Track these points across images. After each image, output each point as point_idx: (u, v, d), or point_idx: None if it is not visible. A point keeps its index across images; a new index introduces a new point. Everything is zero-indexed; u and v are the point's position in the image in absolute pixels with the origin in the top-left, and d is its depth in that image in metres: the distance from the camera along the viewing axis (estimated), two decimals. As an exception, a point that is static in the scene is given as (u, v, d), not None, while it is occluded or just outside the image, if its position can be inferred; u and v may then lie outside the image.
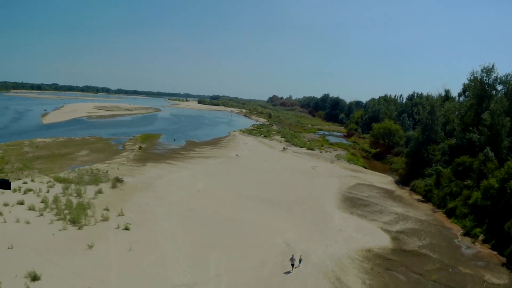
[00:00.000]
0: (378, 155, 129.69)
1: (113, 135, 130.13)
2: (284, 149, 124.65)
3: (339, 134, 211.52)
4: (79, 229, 42.21)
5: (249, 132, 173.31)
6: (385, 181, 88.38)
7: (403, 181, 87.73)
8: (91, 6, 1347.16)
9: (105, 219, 45.58)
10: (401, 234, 52.03)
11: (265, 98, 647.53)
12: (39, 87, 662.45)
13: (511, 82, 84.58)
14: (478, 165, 67.31)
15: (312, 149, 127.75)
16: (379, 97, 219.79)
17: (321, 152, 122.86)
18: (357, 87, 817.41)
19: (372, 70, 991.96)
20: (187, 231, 44.87)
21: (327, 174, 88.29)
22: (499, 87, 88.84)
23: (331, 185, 76.96)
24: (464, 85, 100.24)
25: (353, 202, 65.83)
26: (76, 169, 72.23)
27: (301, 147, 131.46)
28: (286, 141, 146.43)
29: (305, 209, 58.85)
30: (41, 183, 59.77)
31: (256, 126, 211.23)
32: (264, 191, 67.56)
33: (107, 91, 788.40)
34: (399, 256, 44.27)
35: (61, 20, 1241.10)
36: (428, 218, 61.62)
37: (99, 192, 56.81)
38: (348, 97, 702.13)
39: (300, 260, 38.21)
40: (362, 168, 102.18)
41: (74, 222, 43.41)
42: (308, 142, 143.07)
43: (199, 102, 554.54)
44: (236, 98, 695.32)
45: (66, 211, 46.11)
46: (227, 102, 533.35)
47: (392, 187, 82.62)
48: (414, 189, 79.52)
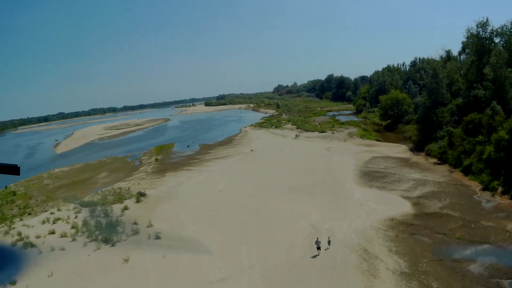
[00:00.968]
0: (389, 126, 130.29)
1: (128, 152, 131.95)
2: (297, 136, 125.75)
3: (348, 112, 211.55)
4: (112, 246, 44.14)
5: (260, 125, 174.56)
6: (400, 150, 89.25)
7: (417, 147, 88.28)
8: (86, 27, 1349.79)
9: (135, 232, 47.38)
10: (422, 199, 53.11)
11: (271, 89, 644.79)
12: (45, 119, 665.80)
13: (507, 32, 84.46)
14: (487, 120, 67.93)
15: (324, 132, 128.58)
16: (383, 68, 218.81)
17: (333, 133, 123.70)
18: (360, 62, 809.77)
19: (372, 42, 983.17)
20: (215, 230, 46.60)
21: (342, 153, 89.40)
22: (497, 40, 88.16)
23: (347, 163, 78.05)
24: (462, 43, 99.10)
25: (370, 176, 66.97)
26: (99, 192, 74.20)
27: (312, 132, 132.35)
28: (298, 128, 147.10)
29: (325, 190, 60.16)
30: (68, 210, 61.69)
31: (266, 118, 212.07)
32: (283, 179, 68.97)
33: (113, 110, 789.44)
34: (422, 220, 45.43)
35: (59, 48, 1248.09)
36: (446, 179, 62.52)
37: (125, 208, 58.60)
38: (352, 74, 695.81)
39: (329, 242, 39.26)
40: (376, 142, 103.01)
41: (106, 240, 45.27)
42: (319, 125, 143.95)
43: (206, 104, 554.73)
44: (242, 94, 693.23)
45: (97, 232, 47.87)
46: (233, 100, 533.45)
47: (408, 155, 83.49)
48: (429, 154, 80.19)
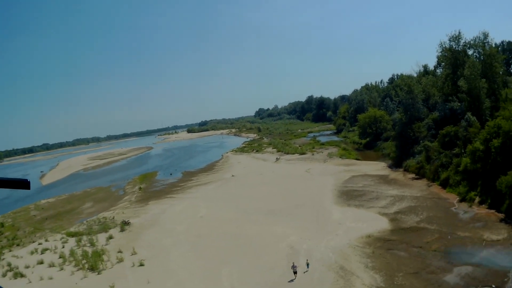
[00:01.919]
0: (369, 144, 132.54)
1: (112, 182, 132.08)
2: (277, 159, 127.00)
3: (329, 132, 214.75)
4: (98, 274, 45.21)
5: (241, 150, 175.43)
6: (379, 167, 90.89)
7: (395, 164, 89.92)
8: (68, 56, 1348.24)
9: (120, 260, 48.41)
10: (399, 214, 54.43)
11: (252, 113, 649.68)
12: (30, 150, 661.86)
13: (480, 44, 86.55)
14: (462, 132, 69.64)
15: (304, 153, 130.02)
16: (361, 87, 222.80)
17: (313, 155, 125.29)
18: (340, 82, 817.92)
19: (352, 61, 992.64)
20: (197, 255, 47.75)
21: (321, 174, 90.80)
22: (470, 52, 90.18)
23: (326, 183, 79.36)
24: (437, 57, 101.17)
25: (349, 195, 68.18)
26: (85, 222, 74.83)
27: (293, 154, 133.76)
28: (278, 151, 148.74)
29: (304, 211, 61.43)
30: (55, 240, 62.53)
31: (247, 143, 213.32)
32: (263, 203, 70.19)
33: (97, 140, 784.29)
34: (399, 235, 46.74)
35: (42, 79, 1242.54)
36: (424, 193, 63.99)
37: (110, 237, 59.55)
38: (332, 93, 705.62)
39: (308, 264, 40.11)
40: (355, 161, 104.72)
41: (93, 269, 46.43)
42: (300, 148, 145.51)
43: (189, 131, 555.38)
44: (224, 119, 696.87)
45: (84, 261, 48.97)
46: (215, 125, 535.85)
47: (386, 172, 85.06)
48: (407, 169, 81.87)
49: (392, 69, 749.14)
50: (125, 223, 66.00)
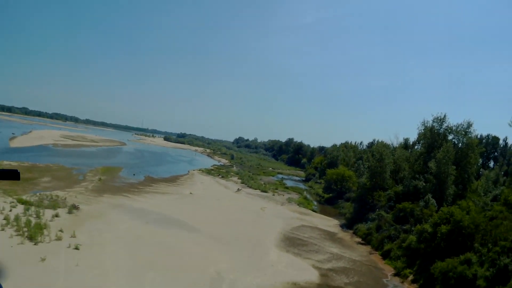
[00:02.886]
0: (330, 199, 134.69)
1: (75, 165, 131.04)
2: (239, 190, 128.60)
3: (298, 178, 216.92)
4: (34, 244, 46.44)
5: (208, 172, 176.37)
6: (331, 224, 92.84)
7: (348, 225, 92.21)
8: (66, 30, 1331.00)
9: (58, 238, 49.64)
10: (331, 272, 56.17)
11: (232, 139, 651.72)
12: (9, 109, 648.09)
13: (462, 132, 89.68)
14: (418, 211, 72.14)
15: (265, 191, 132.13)
16: (340, 143, 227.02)
17: (273, 195, 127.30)
18: (323, 132, 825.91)
19: (339, 116, 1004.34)
20: (130, 253, 49.43)
21: (274, 215, 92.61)
22: (450, 137, 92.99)
23: (275, 225, 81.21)
24: (418, 134, 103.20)
25: (292, 242, 69.86)
26: (38, 194, 75.06)
27: (255, 189, 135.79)
28: (242, 182, 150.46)
29: (244, 245, 63.25)
30: (5, 202, 62.94)
31: (216, 166, 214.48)
32: (209, 227, 71.55)
33: (75, 120, 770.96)
34: (323, 291, 47.91)
35: (33, 42, 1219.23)
36: (363, 258, 65.97)
37: (56, 216, 60.42)
38: (313, 141, 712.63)
39: None
40: (311, 212, 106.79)
41: (31, 238, 47.60)
42: (264, 185, 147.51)
43: (165, 139, 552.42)
44: (203, 137, 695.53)
45: (25, 229, 49.96)
46: (192, 141, 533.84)
47: (336, 230, 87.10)
48: (356, 232, 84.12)
49: (380, 134, 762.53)
50: (75, 207, 67.03)
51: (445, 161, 79.92)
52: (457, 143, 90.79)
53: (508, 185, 77.53)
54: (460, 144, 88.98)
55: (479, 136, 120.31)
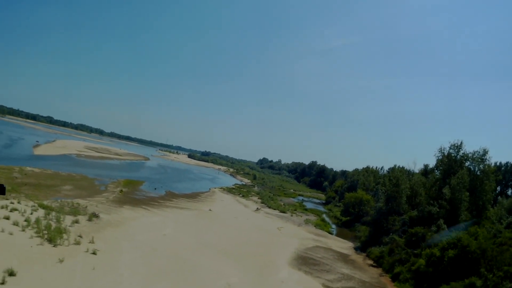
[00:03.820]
0: (347, 223, 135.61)
1: (98, 175, 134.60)
2: (258, 209, 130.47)
3: (318, 201, 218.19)
4: (53, 247, 48.34)
5: (229, 190, 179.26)
6: (345, 246, 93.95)
7: (362, 247, 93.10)
8: (94, 40, 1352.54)
9: (77, 243, 51.64)
10: (340, 292, 57.36)
11: (256, 160, 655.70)
12: (34, 117, 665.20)
13: (478, 159, 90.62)
14: (430, 236, 73.28)
15: (284, 212, 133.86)
16: (362, 168, 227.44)
17: (291, 216, 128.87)
18: (346, 156, 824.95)
19: (363, 141, 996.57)
20: (144, 263, 51.05)
21: (290, 235, 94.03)
22: (466, 164, 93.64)
23: (290, 244, 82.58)
24: (436, 160, 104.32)
25: (305, 261, 71.35)
26: (59, 200, 77.51)
27: (274, 209, 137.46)
28: (262, 202, 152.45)
29: (257, 261, 64.60)
30: (26, 206, 65.56)
31: (238, 185, 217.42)
32: (224, 243, 73.20)
33: (100, 132, 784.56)
34: (330, 310, 49.63)
35: (61, 52, 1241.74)
36: (373, 280, 67.07)
37: (76, 222, 62.65)
38: (336, 165, 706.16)
39: None
40: (327, 234, 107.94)
41: (50, 240, 49.57)
42: (283, 205, 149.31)
43: (189, 156, 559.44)
44: (227, 156, 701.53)
45: (45, 232, 52.05)
46: (216, 159, 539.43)
47: (349, 252, 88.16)
48: (369, 255, 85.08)
49: (402, 159, 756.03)
50: (95, 215, 69.20)
51: (459, 188, 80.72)
52: (473, 170, 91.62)
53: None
54: (477, 171, 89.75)
55: (497, 164, 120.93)
